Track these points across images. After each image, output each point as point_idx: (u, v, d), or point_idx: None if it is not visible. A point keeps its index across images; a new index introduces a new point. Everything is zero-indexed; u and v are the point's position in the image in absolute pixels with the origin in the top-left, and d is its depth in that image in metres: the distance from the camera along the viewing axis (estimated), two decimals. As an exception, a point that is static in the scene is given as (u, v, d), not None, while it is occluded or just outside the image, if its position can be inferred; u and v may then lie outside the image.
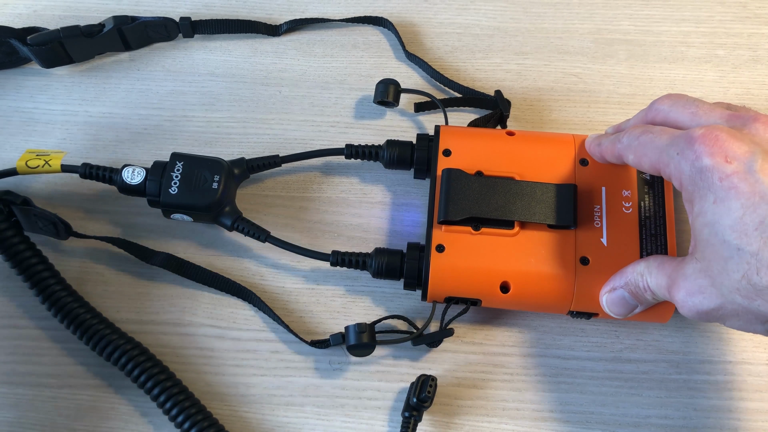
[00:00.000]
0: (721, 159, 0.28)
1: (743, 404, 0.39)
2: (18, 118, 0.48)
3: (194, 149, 0.46)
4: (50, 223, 0.41)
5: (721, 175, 0.28)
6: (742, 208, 0.27)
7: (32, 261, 0.40)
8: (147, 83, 0.49)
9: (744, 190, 0.27)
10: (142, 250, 0.42)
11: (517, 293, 0.37)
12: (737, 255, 0.27)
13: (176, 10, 0.52)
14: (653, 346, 0.40)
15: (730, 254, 0.28)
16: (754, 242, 0.27)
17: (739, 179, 0.28)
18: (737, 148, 0.28)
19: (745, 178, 0.28)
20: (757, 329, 0.30)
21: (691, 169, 0.29)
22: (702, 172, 0.29)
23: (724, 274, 0.28)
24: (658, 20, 0.51)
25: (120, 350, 0.38)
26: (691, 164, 0.29)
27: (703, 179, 0.29)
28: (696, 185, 0.29)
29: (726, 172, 0.28)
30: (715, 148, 0.28)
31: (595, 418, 0.38)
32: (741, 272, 0.27)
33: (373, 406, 0.39)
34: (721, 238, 0.28)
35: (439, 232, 0.38)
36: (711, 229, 0.28)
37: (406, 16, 0.51)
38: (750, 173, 0.28)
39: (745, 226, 0.27)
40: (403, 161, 0.42)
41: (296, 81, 0.49)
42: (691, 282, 0.30)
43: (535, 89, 0.48)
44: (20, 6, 0.52)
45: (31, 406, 0.39)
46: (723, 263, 0.28)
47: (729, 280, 0.28)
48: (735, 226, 0.27)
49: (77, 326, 0.39)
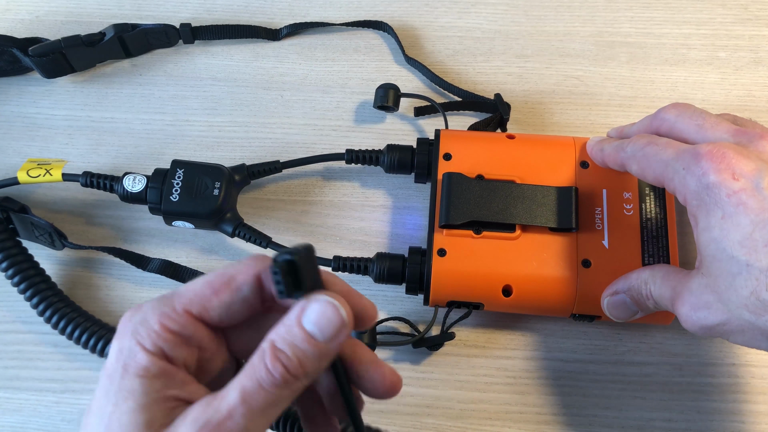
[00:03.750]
0: (728, 176, 0.28)
1: (747, 407, 0.38)
2: (21, 124, 0.48)
3: (196, 153, 0.46)
4: (46, 232, 0.41)
5: (729, 191, 0.28)
6: (751, 224, 0.27)
7: (19, 258, 0.40)
8: (149, 88, 0.49)
9: (753, 206, 0.28)
10: (138, 257, 0.42)
11: (519, 297, 0.37)
12: (746, 271, 0.27)
13: (178, 15, 0.52)
14: (656, 348, 0.40)
15: (738, 270, 0.28)
16: (763, 258, 0.27)
17: (748, 196, 0.28)
18: (744, 165, 0.28)
19: (754, 195, 0.28)
20: (762, 345, 0.29)
21: (698, 185, 0.29)
22: (709, 188, 0.29)
23: (732, 290, 0.28)
24: (659, 22, 0.51)
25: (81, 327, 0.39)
26: (697, 180, 0.29)
27: (709, 195, 0.29)
28: (702, 201, 0.29)
29: (733, 189, 0.28)
30: (722, 165, 0.29)
31: (599, 421, 0.38)
32: (750, 288, 0.27)
33: (375, 410, 0.39)
34: (729, 253, 0.28)
35: (440, 236, 0.38)
36: (718, 244, 0.28)
37: (407, 19, 0.51)
38: (758, 190, 0.28)
39: (755, 242, 0.27)
40: (404, 165, 0.42)
41: (297, 85, 0.49)
42: (696, 297, 0.30)
43: (536, 92, 0.48)
44: (22, 12, 0.52)
45: (34, 411, 0.39)
46: (731, 279, 0.28)
47: (737, 296, 0.28)
48: (744, 242, 0.27)
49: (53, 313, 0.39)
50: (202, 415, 0.22)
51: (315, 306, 0.23)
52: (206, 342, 0.25)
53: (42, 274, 0.40)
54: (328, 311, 0.23)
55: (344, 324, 0.24)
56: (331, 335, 0.23)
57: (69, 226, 0.43)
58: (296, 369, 0.23)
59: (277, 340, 0.23)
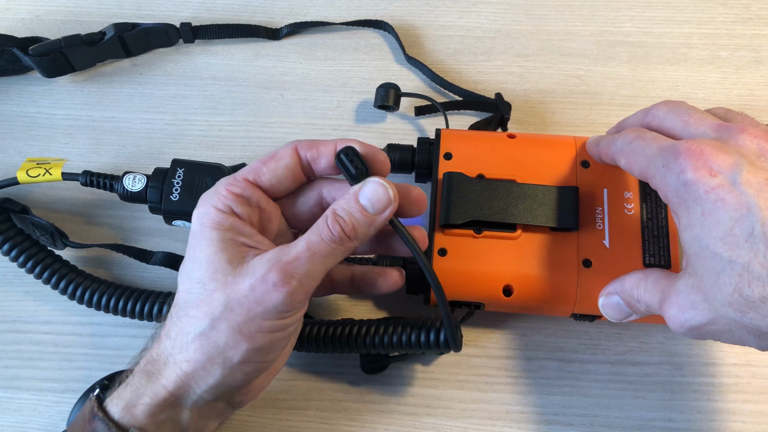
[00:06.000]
0: (705, 172, 0.28)
1: (748, 407, 0.38)
2: (21, 123, 0.48)
3: (196, 153, 0.46)
4: (47, 232, 0.41)
5: (706, 188, 0.28)
6: (731, 220, 0.27)
7: (18, 237, 0.40)
8: (149, 87, 0.49)
9: (731, 202, 0.27)
10: (141, 251, 0.42)
11: (520, 296, 0.37)
12: (729, 267, 0.27)
13: (178, 14, 0.52)
14: (657, 348, 0.40)
15: (722, 267, 0.27)
16: (744, 254, 0.27)
17: (725, 191, 0.27)
18: (722, 161, 0.28)
19: (731, 190, 0.27)
20: (751, 342, 0.29)
21: (676, 183, 0.29)
22: (687, 185, 0.28)
23: (716, 288, 0.28)
24: (660, 22, 0.51)
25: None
26: (676, 177, 0.29)
27: (688, 192, 0.28)
28: (682, 198, 0.29)
29: (711, 185, 0.28)
30: (699, 162, 0.28)
31: (599, 421, 0.38)
32: (733, 285, 0.27)
33: (376, 410, 0.39)
34: (712, 251, 0.28)
35: (441, 235, 0.38)
36: (700, 242, 0.28)
37: (408, 19, 0.51)
38: (735, 185, 0.28)
39: (736, 238, 0.27)
40: (405, 165, 0.42)
41: (298, 84, 0.49)
42: (683, 298, 0.30)
43: (537, 91, 0.48)
44: (23, 11, 0.52)
45: (34, 410, 0.39)
46: (715, 277, 0.28)
47: (721, 294, 0.28)
48: (725, 238, 0.27)
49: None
50: (275, 257, 0.30)
51: (370, 185, 0.31)
52: (264, 203, 0.33)
53: (45, 249, 0.40)
54: (380, 190, 0.31)
55: (390, 201, 0.31)
56: (379, 209, 0.31)
57: (69, 226, 0.43)
58: (350, 231, 0.31)
59: (338, 209, 0.31)
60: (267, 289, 0.30)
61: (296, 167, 0.33)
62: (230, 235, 0.31)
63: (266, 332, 0.30)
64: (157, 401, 0.30)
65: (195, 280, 0.31)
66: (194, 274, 0.31)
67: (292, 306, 0.30)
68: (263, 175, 0.33)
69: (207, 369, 0.30)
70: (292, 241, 0.35)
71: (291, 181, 0.34)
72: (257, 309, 0.30)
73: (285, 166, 0.33)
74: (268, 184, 0.33)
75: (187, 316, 0.31)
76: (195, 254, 0.31)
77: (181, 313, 0.31)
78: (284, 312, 0.30)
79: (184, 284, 0.31)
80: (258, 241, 0.32)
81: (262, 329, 0.30)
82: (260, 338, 0.30)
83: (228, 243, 0.31)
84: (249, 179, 0.33)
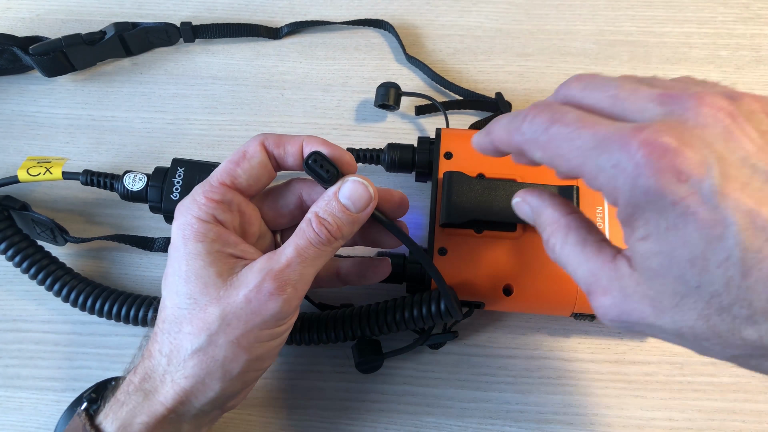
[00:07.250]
0: (671, 177, 0.22)
1: (748, 406, 0.38)
2: (21, 122, 0.48)
3: (197, 152, 0.46)
4: (47, 228, 0.41)
5: (674, 198, 0.22)
6: (702, 240, 0.22)
7: (15, 238, 0.40)
8: (149, 87, 0.49)
9: (704, 217, 0.22)
10: (142, 239, 0.42)
11: (520, 296, 0.37)
12: (695, 293, 0.23)
13: (178, 13, 0.52)
14: (657, 347, 0.40)
15: (686, 292, 0.23)
16: (716, 281, 0.22)
17: (697, 204, 0.22)
18: (689, 160, 0.22)
19: (703, 203, 0.22)
20: (690, 347, 0.25)
21: (633, 188, 0.23)
22: (648, 193, 0.22)
23: (677, 310, 0.24)
24: (660, 21, 0.51)
25: None
26: (632, 182, 0.23)
27: (649, 201, 0.23)
28: (639, 207, 0.23)
29: (680, 195, 0.22)
30: (662, 163, 0.22)
31: (600, 420, 0.38)
32: (697, 312, 0.23)
33: (377, 409, 0.39)
34: (677, 273, 0.23)
35: (441, 235, 0.38)
36: (663, 260, 0.23)
37: (408, 18, 0.51)
38: (708, 196, 0.22)
39: (707, 262, 0.22)
40: (405, 164, 0.42)
41: (298, 84, 0.49)
42: (631, 304, 0.25)
43: (537, 90, 0.48)
44: (23, 11, 0.52)
45: (34, 409, 0.39)
46: (677, 299, 0.23)
47: (682, 319, 0.24)
48: (695, 261, 0.22)
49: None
50: (266, 266, 0.30)
51: (349, 184, 0.31)
52: (244, 206, 0.33)
53: (42, 250, 0.41)
54: (359, 188, 0.31)
55: (371, 197, 0.31)
56: (361, 207, 0.31)
57: (69, 225, 0.43)
58: (336, 232, 0.31)
59: (320, 211, 0.31)
60: (263, 300, 0.29)
61: (268, 163, 0.33)
62: (217, 247, 0.31)
63: (264, 341, 0.31)
64: (155, 419, 0.30)
65: (184, 295, 0.30)
66: (182, 288, 0.30)
67: (288, 313, 0.31)
68: (239, 177, 0.32)
69: (206, 384, 0.30)
70: (273, 242, 0.35)
71: (266, 177, 0.33)
72: (255, 320, 0.30)
73: (259, 164, 0.32)
74: (245, 184, 0.32)
75: (181, 332, 0.30)
76: (180, 268, 0.30)
77: (174, 329, 0.30)
78: (281, 320, 0.31)
79: (172, 299, 0.31)
80: (243, 250, 0.31)
81: (260, 339, 0.30)
82: (259, 348, 0.31)
83: (215, 255, 0.30)
84: (226, 183, 0.32)
